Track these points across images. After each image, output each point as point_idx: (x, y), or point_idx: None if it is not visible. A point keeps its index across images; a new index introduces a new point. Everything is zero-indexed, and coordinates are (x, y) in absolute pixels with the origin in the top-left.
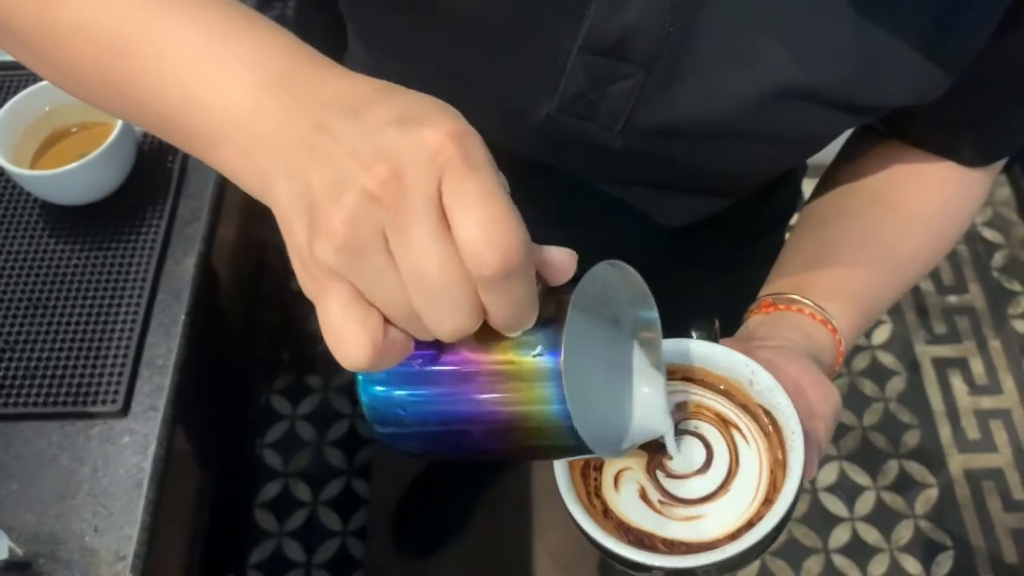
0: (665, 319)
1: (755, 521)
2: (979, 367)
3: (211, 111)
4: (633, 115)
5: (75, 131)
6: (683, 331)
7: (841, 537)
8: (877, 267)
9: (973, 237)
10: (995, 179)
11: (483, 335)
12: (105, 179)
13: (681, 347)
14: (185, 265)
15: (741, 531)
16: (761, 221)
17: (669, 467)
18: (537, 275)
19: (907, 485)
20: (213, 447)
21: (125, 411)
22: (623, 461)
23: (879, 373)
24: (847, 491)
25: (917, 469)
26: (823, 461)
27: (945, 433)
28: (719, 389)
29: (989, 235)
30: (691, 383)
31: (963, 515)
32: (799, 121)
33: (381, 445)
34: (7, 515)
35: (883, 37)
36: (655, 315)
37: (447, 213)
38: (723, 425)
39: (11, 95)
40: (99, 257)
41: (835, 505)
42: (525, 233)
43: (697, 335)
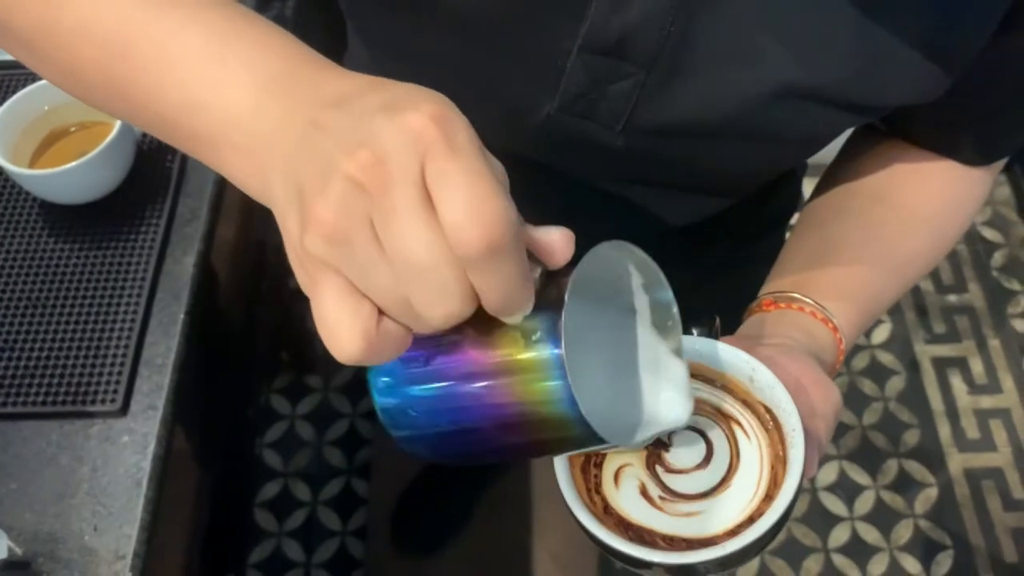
0: None
1: (756, 517)
2: (979, 366)
3: (211, 112)
4: (634, 115)
5: (74, 130)
6: (684, 329)
7: (841, 536)
8: (878, 266)
9: (973, 236)
10: (995, 179)
11: (484, 327)
12: (104, 178)
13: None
14: (184, 264)
15: (741, 527)
16: (762, 221)
17: (669, 463)
18: (536, 259)
19: (907, 484)
20: (212, 446)
21: (124, 410)
22: (623, 457)
23: (879, 372)
24: (847, 490)
25: (917, 468)
26: (823, 460)
27: (945, 432)
28: (719, 385)
29: (989, 234)
30: (691, 379)
31: (963, 514)
32: (799, 121)
33: (412, 456)
34: (6, 514)
35: (884, 37)
36: (669, 295)
37: (431, 195)
38: (724, 420)
39: (10, 94)
40: (98, 256)
41: (835, 504)
42: (511, 211)
43: (698, 332)
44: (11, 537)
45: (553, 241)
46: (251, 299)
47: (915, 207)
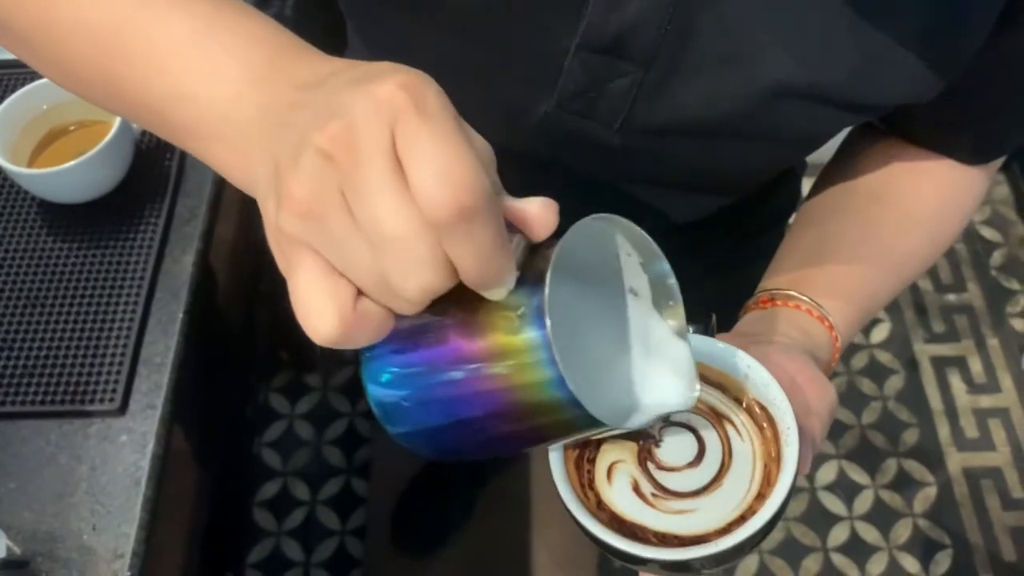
0: None
1: (748, 516)
2: (977, 366)
3: (199, 103)
4: (632, 113)
5: (73, 129)
6: None
7: (840, 536)
8: (875, 265)
9: (972, 236)
10: (993, 177)
11: (469, 306)
12: (103, 177)
13: None
14: (183, 263)
15: (733, 525)
16: (761, 219)
17: (661, 460)
18: (519, 232)
19: (906, 484)
20: (211, 446)
21: (123, 409)
22: (616, 453)
23: (878, 372)
24: (846, 490)
25: (916, 468)
26: (821, 460)
27: (944, 432)
28: (714, 383)
29: (988, 234)
30: None
31: (961, 514)
32: (798, 120)
33: (411, 452)
34: (5, 513)
35: (882, 36)
36: (666, 266)
37: (402, 163)
38: (716, 419)
39: (9, 93)
40: (97, 255)
41: (834, 504)
42: (483, 176)
43: (693, 329)
44: (10, 536)
45: (533, 210)
46: (250, 298)
47: (913, 206)
